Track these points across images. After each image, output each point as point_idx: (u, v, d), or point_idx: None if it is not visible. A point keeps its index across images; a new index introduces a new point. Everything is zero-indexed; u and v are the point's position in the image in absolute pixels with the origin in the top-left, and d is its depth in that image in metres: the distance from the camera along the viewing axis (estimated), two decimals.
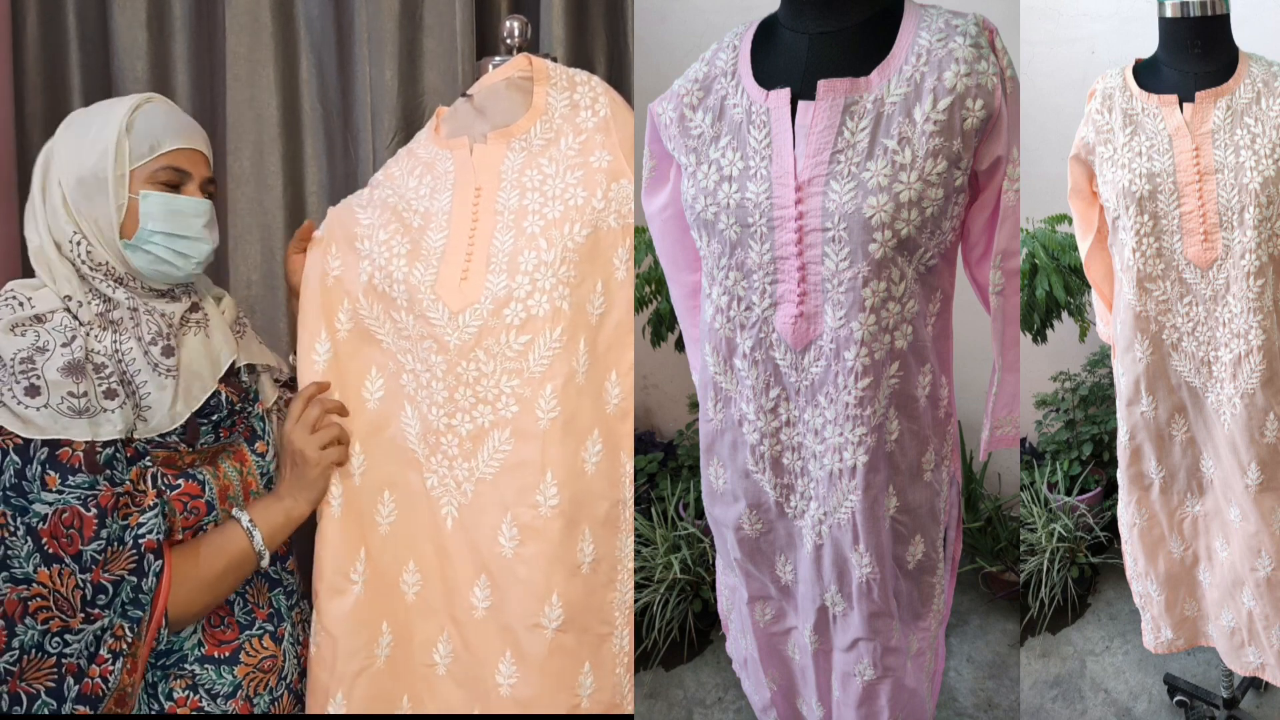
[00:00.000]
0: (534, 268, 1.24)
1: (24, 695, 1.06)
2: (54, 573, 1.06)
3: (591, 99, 1.33)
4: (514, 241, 1.27)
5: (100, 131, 1.15)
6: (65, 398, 1.08)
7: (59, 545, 1.06)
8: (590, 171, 1.29)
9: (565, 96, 1.34)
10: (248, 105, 1.74)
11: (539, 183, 1.29)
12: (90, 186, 1.14)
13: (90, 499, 1.08)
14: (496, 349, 1.25)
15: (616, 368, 1.29)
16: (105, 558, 1.09)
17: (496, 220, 1.28)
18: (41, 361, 1.08)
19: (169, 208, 1.17)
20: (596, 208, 1.27)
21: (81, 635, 1.08)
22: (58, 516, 1.06)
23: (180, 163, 1.19)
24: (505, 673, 1.26)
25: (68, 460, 1.08)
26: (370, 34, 1.72)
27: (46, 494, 1.06)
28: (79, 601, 1.07)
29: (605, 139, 1.30)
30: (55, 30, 1.79)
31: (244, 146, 1.75)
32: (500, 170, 1.31)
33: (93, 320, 1.13)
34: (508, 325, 1.25)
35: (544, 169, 1.30)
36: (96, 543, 1.08)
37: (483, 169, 1.31)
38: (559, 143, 1.31)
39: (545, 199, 1.28)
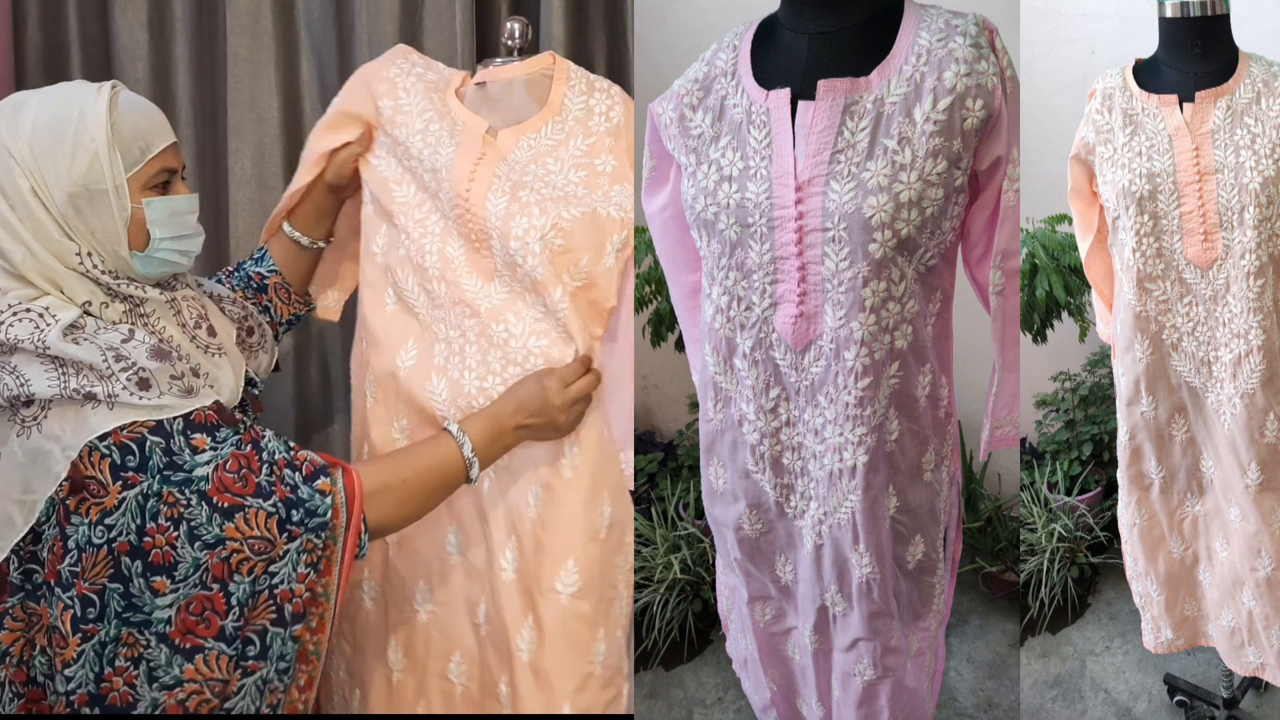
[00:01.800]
0: (524, 231, 1.28)
1: (254, 635, 1.09)
2: (239, 522, 1.07)
3: (607, 105, 1.36)
4: (507, 206, 1.30)
5: (80, 136, 1.07)
6: (171, 381, 1.08)
7: (232, 495, 1.07)
8: (593, 173, 1.32)
9: (582, 100, 1.36)
10: (248, 106, 1.74)
11: (542, 175, 1.32)
12: (82, 201, 1.08)
13: (241, 442, 1.10)
14: (524, 310, 1.31)
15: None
16: (276, 477, 1.10)
17: (492, 184, 1.31)
18: (135, 354, 1.06)
19: (171, 211, 1.14)
20: (596, 199, 1.31)
21: (287, 558, 1.09)
22: (220, 470, 1.07)
23: (170, 162, 1.15)
24: (526, 638, 1.28)
25: (205, 420, 1.09)
26: (370, 35, 1.72)
27: (201, 455, 1.07)
28: (275, 529, 1.08)
29: (614, 144, 1.33)
30: (56, 32, 1.79)
31: (245, 148, 1.75)
32: (508, 157, 1.34)
33: (122, 318, 1.11)
34: (525, 289, 1.30)
35: (549, 165, 1.33)
36: (264, 468, 1.10)
37: (490, 147, 1.34)
38: (568, 143, 1.33)
39: (545, 185, 1.31)
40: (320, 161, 1.41)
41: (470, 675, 1.36)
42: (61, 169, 1.07)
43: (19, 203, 1.07)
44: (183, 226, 1.16)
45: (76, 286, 1.09)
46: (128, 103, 1.12)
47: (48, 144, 1.07)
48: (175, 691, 1.07)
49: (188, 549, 1.05)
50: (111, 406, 1.04)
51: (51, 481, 1.03)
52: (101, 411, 1.04)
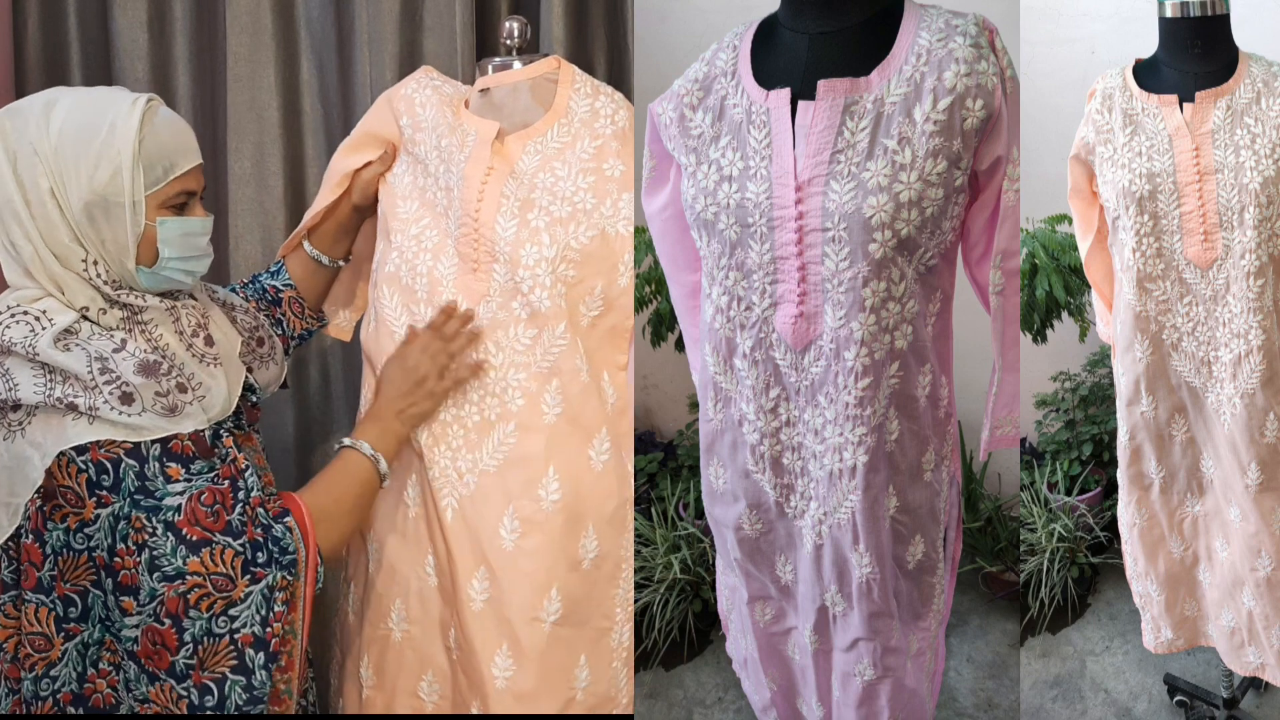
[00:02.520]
0: (535, 262, 1.27)
1: (211, 684, 1.06)
2: (205, 556, 1.05)
3: (613, 109, 1.36)
4: (516, 231, 1.29)
5: (106, 148, 1.07)
6: (155, 399, 1.07)
7: (203, 529, 1.06)
8: (602, 179, 1.31)
9: (587, 103, 1.36)
10: (248, 106, 1.75)
11: (550, 184, 1.31)
12: (98, 210, 1.07)
13: (216, 477, 1.09)
14: (506, 342, 1.29)
15: (607, 368, 1.33)
16: (247, 518, 1.09)
17: (501, 204, 1.30)
18: (122, 367, 1.06)
19: (184, 231, 1.13)
20: (605, 214, 1.30)
21: (250, 599, 1.07)
22: (194, 502, 1.06)
23: (190, 184, 1.14)
24: (501, 665, 1.28)
25: (181, 450, 1.08)
26: (370, 35, 1.72)
27: (174, 485, 1.06)
28: (239, 569, 1.07)
29: (620, 147, 1.33)
30: (56, 32, 1.79)
31: (245, 147, 1.75)
32: (515, 166, 1.32)
33: (118, 325, 1.10)
34: (515, 318, 1.29)
35: (557, 171, 1.32)
36: (238, 507, 1.09)
37: (499, 156, 1.33)
38: (575, 146, 1.33)
39: (554, 198, 1.30)
40: (343, 181, 1.41)
41: (443, 694, 1.34)
42: (83, 176, 1.07)
43: (36, 201, 1.07)
44: (192, 248, 1.15)
45: (77, 290, 1.09)
46: (160, 121, 1.11)
47: (73, 149, 1.07)
48: (146, 707, 1.07)
49: (146, 578, 1.04)
50: (91, 420, 1.04)
51: (29, 487, 1.04)
52: (81, 424, 1.04)
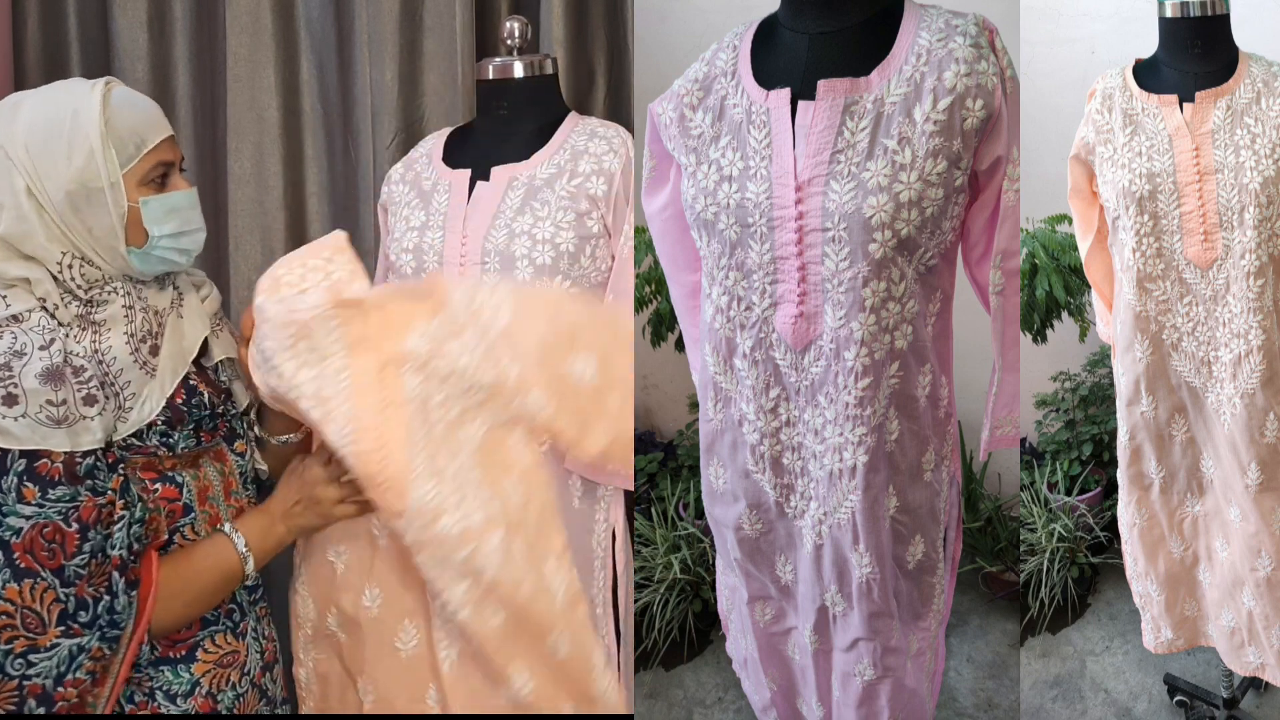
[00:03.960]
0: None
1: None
2: (25, 588, 1.00)
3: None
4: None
5: (75, 134, 1.06)
6: (44, 406, 1.02)
7: (35, 560, 1.01)
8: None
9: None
10: (248, 106, 1.75)
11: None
12: (80, 199, 1.07)
13: (71, 512, 1.03)
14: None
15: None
16: (90, 572, 1.04)
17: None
18: (19, 367, 1.02)
19: (169, 207, 1.13)
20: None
21: (55, 652, 1.02)
22: (37, 531, 1.01)
23: (165, 155, 1.13)
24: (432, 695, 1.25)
25: (46, 473, 1.02)
26: (370, 35, 1.72)
27: (24, 507, 1.01)
28: (55, 617, 1.02)
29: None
30: (56, 32, 1.79)
31: (244, 147, 1.75)
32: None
33: (72, 321, 1.08)
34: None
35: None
36: (80, 557, 1.03)
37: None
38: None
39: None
40: None
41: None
42: (59, 167, 1.06)
43: (12, 204, 1.06)
44: (182, 223, 1.14)
45: (37, 281, 1.07)
46: (120, 98, 1.11)
47: (43, 143, 1.06)
48: None
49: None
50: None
51: None
52: None
